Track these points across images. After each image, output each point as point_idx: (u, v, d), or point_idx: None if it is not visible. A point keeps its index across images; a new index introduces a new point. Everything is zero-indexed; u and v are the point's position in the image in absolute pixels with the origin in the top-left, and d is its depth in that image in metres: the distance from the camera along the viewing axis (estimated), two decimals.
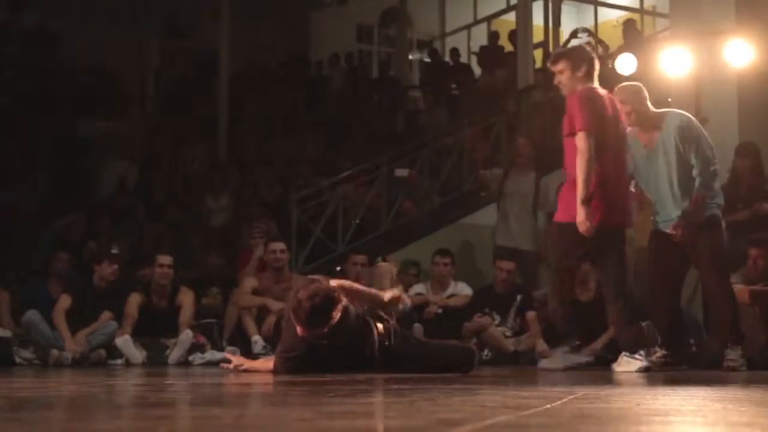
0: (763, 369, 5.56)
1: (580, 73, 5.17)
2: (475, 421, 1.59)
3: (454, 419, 1.71)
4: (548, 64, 5.55)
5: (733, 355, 5.47)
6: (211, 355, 6.83)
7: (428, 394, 2.79)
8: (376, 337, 4.33)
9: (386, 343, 4.36)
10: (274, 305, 6.99)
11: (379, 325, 4.38)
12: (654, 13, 12.36)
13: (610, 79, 9.17)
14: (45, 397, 2.99)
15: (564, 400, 2.25)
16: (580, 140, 4.84)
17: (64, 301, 6.78)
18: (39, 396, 3.04)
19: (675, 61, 7.31)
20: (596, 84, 5.15)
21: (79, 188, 10.84)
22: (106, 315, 6.89)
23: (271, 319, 6.94)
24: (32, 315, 6.71)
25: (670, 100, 7.91)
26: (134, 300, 6.95)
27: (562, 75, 5.20)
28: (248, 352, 6.70)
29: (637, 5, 13.05)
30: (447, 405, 2.25)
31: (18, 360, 6.50)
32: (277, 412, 2.25)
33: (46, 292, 7.10)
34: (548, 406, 2.00)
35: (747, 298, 6.17)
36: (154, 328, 6.93)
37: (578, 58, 5.23)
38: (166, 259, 7.12)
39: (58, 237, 8.45)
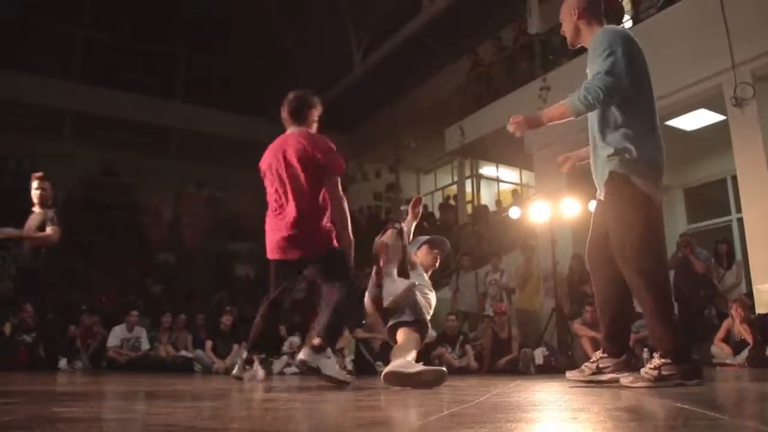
0: None
1: None
2: (437, 413, 1.42)
3: (425, 411, 1.52)
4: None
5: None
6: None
7: (403, 395, 2.20)
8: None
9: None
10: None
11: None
12: (528, 185, 12.30)
13: (503, 223, 9.28)
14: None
15: (487, 396, 2.00)
16: None
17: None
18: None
19: (539, 211, 7.31)
20: None
21: (224, 275, 11.00)
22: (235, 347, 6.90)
23: None
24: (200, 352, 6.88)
25: (537, 231, 8.07)
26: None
27: None
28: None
29: (518, 181, 13.07)
30: (420, 400, 1.92)
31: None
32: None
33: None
34: (477, 400, 1.78)
35: None
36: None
37: None
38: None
39: (218, 303, 8.42)
